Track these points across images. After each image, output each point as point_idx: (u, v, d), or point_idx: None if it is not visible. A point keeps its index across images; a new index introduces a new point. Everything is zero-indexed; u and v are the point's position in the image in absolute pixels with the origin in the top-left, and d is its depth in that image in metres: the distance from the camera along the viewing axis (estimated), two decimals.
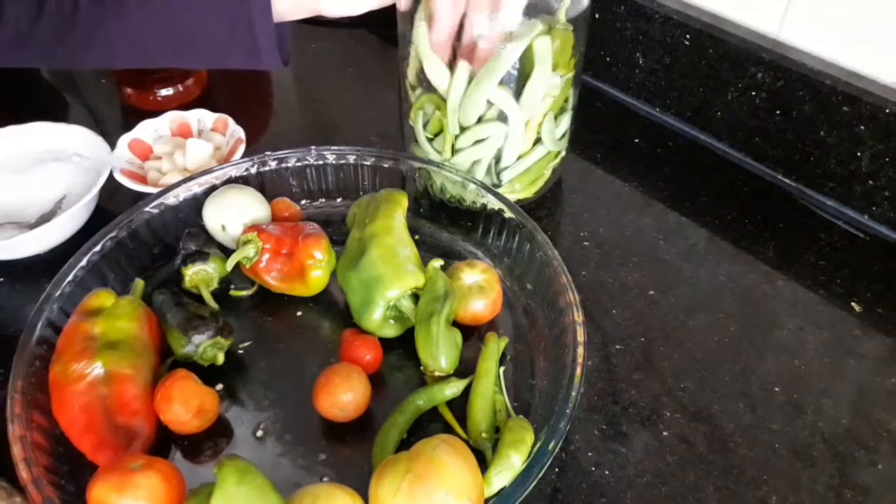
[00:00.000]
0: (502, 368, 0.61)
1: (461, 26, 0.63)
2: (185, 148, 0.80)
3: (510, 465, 0.51)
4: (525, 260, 0.68)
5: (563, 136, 0.75)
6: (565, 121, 0.74)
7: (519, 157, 0.72)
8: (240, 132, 0.82)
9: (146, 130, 0.83)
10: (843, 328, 0.67)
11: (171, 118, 0.85)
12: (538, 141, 0.72)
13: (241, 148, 0.79)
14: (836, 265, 0.72)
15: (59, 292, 0.61)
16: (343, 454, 0.58)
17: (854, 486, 0.56)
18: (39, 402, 0.55)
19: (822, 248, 0.74)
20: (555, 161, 0.76)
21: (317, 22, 1.08)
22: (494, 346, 0.62)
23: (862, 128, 0.72)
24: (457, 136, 0.70)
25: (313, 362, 0.63)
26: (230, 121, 0.83)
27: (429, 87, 0.69)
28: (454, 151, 0.72)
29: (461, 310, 0.64)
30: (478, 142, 0.70)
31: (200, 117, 0.85)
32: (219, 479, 0.49)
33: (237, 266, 0.67)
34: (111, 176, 0.75)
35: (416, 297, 0.64)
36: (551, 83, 0.68)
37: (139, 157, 0.82)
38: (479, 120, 0.69)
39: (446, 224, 0.75)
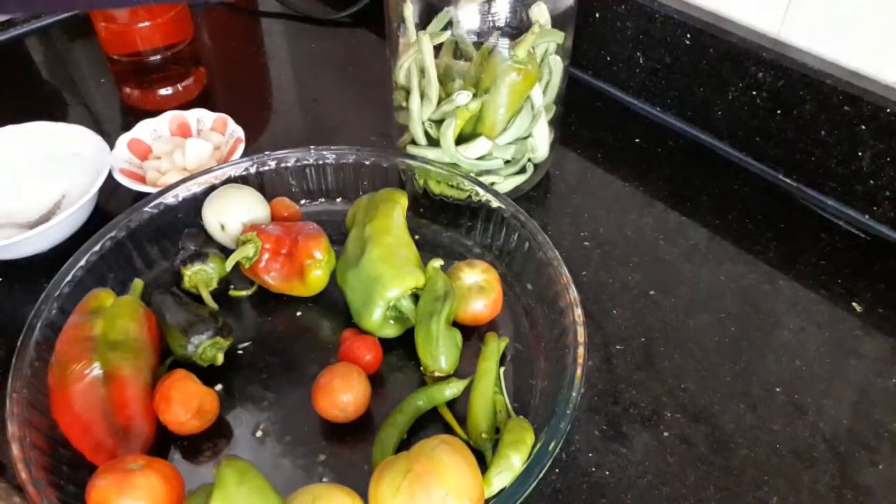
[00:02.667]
0: (502, 368, 0.61)
1: None
2: (185, 147, 0.80)
3: (510, 465, 0.51)
4: (525, 260, 0.68)
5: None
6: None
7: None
8: (239, 132, 0.81)
9: (145, 130, 0.83)
10: (844, 328, 0.67)
11: (171, 118, 0.85)
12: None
13: (241, 147, 0.79)
14: (836, 265, 0.72)
15: (58, 292, 0.61)
16: (343, 454, 0.58)
17: (855, 486, 0.56)
18: (38, 402, 0.55)
19: (823, 247, 0.74)
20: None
21: (317, 22, 1.08)
22: (494, 347, 0.62)
23: (863, 127, 0.72)
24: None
25: (313, 362, 0.63)
26: (229, 120, 0.83)
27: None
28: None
29: (461, 310, 0.64)
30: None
31: (200, 117, 0.85)
32: (218, 479, 0.49)
33: (237, 266, 0.67)
34: (110, 176, 0.75)
35: (415, 297, 0.64)
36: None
37: (138, 156, 0.81)
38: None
39: (446, 224, 0.75)
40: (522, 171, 0.75)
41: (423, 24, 0.69)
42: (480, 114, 0.70)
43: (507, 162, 0.74)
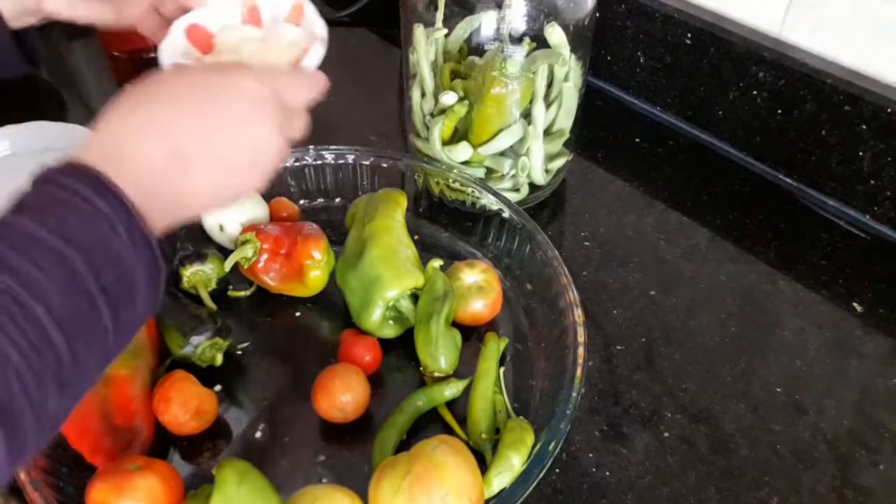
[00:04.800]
0: (502, 369, 0.61)
1: None
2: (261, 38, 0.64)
3: (510, 465, 0.51)
4: (525, 260, 0.68)
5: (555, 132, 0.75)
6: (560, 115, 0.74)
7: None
8: (319, 25, 0.63)
9: (208, 14, 0.63)
10: (844, 328, 0.66)
11: None
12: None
13: (319, 49, 0.61)
14: (837, 265, 0.72)
15: None
16: (342, 455, 0.58)
17: (856, 486, 0.56)
18: None
19: (824, 248, 0.74)
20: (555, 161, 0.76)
21: None
22: (494, 347, 0.62)
23: (863, 127, 0.72)
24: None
25: (312, 363, 0.62)
26: (307, 5, 0.65)
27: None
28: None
29: (461, 310, 0.63)
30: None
31: (272, 1, 0.67)
32: (218, 480, 0.49)
33: (235, 266, 0.67)
34: None
35: (415, 297, 0.64)
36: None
37: (200, 47, 0.63)
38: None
39: (446, 224, 0.75)
40: (516, 189, 0.75)
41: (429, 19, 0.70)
42: (470, 119, 0.70)
43: (492, 173, 0.73)
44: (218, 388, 0.61)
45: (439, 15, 0.69)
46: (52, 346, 0.35)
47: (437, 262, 0.64)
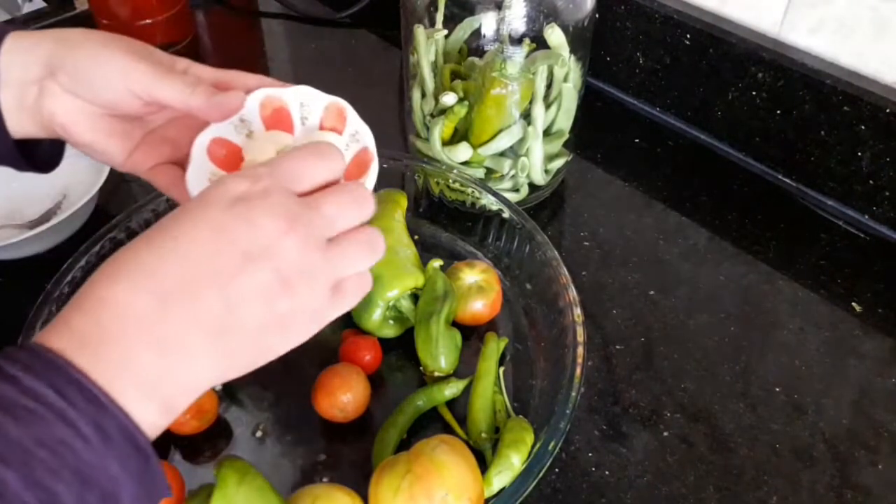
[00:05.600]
0: (502, 368, 0.61)
1: None
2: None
3: (510, 465, 0.51)
4: (525, 260, 0.68)
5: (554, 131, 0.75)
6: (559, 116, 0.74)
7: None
8: (366, 133, 0.50)
9: (229, 125, 0.48)
10: (843, 328, 0.67)
11: (263, 100, 0.48)
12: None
13: (373, 167, 0.49)
14: (836, 265, 0.72)
15: (58, 292, 0.61)
16: (343, 455, 0.58)
17: (855, 486, 0.56)
18: None
19: (823, 248, 0.74)
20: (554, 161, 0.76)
21: (317, 22, 1.08)
22: (494, 346, 0.62)
23: (862, 127, 0.72)
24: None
25: (313, 362, 0.62)
26: (349, 111, 0.51)
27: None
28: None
29: (461, 310, 0.64)
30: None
31: (305, 100, 0.50)
32: (218, 479, 0.49)
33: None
34: (111, 176, 0.74)
35: (415, 297, 0.64)
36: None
37: (225, 166, 0.48)
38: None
39: (446, 224, 0.75)
40: (516, 189, 0.75)
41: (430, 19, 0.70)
42: (470, 119, 0.70)
43: (492, 173, 0.74)
44: (218, 387, 0.61)
45: (439, 16, 0.69)
46: None
47: (437, 262, 0.65)
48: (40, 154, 0.50)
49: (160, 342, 0.33)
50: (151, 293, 0.33)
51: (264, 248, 0.34)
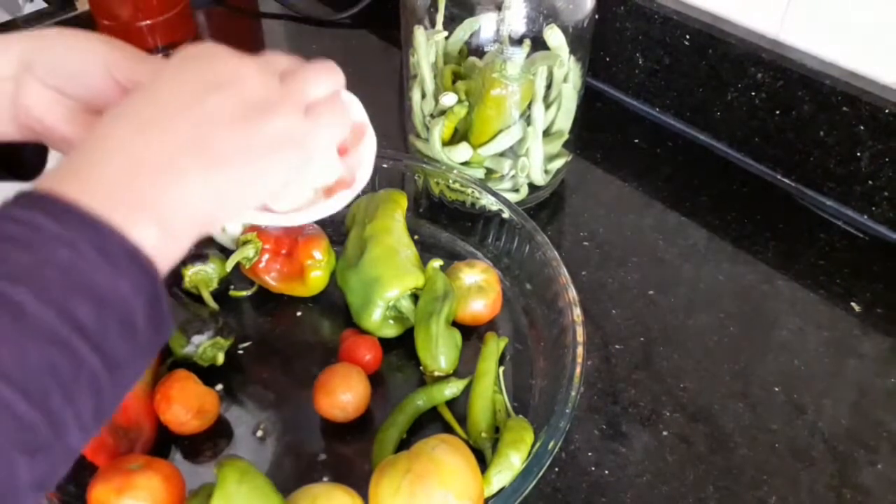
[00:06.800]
0: (502, 368, 0.61)
1: None
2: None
3: (510, 464, 0.51)
4: (525, 260, 0.68)
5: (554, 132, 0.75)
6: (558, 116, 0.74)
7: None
8: (359, 111, 0.50)
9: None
10: (842, 328, 0.67)
11: None
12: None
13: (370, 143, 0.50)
14: (835, 265, 0.72)
15: None
16: (343, 454, 0.58)
17: (854, 486, 0.56)
18: None
19: (822, 248, 0.74)
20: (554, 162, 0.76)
21: (317, 23, 1.08)
22: (494, 346, 0.62)
23: (861, 128, 0.72)
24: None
25: (313, 362, 0.63)
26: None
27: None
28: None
29: (461, 310, 0.64)
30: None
31: None
32: (219, 479, 0.49)
33: (237, 266, 0.67)
34: None
35: (415, 297, 0.64)
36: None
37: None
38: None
39: (446, 224, 0.75)
40: (516, 189, 0.75)
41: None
42: (470, 120, 0.70)
43: (492, 173, 0.74)
44: (219, 387, 0.61)
45: (439, 17, 0.69)
46: (12, 417, 0.28)
47: (437, 262, 0.65)
48: (22, 162, 0.50)
49: (144, 163, 0.34)
50: (128, 125, 0.35)
51: (226, 78, 0.37)
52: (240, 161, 0.36)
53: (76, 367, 0.30)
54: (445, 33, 0.70)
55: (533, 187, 0.76)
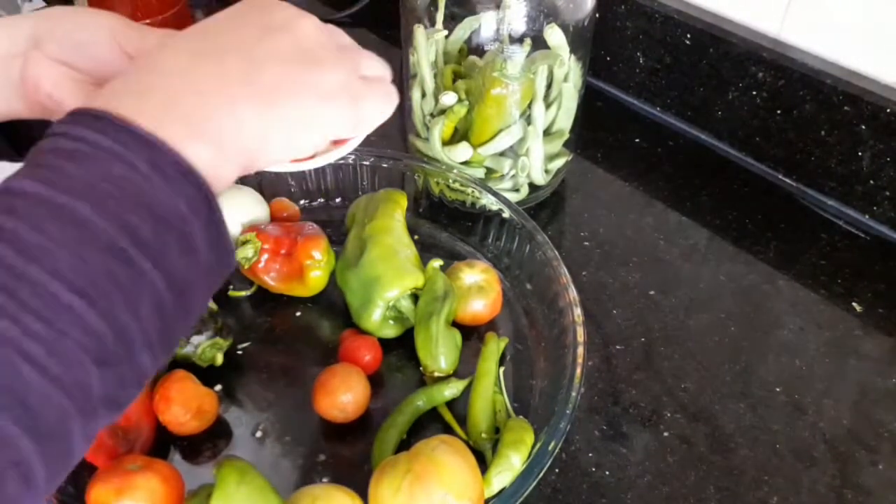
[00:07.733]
0: (502, 369, 0.61)
1: None
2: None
3: (510, 465, 0.51)
4: (525, 260, 0.68)
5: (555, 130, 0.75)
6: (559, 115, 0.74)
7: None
8: None
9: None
10: (844, 328, 0.67)
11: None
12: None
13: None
14: (836, 265, 0.72)
15: None
16: (342, 455, 0.58)
17: (855, 486, 0.56)
18: None
19: (823, 247, 0.74)
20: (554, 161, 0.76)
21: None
22: (494, 347, 0.62)
23: (863, 127, 0.72)
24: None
25: (312, 363, 0.62)
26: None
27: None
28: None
29: (461, 310, 0.64)
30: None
31: None
32: (218, 479, 0.49)
33: (236, 266, 0.67)
34: None
35: (415, 297, 0.64)
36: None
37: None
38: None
39: (446, 224, 0.75)
40: (516, 189, 0.75)
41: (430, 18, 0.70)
42: (470, 119, 0.70)
43: (492, 173, 0.74)
44: (218, 387, 0.61)
45: (439, 16, 0.69)
46: (75, 320, 0.28)
47: (437, 262, 0.65)
48: (32, 140, 0.51)
49: (196, 86, 0.35)
50: (184, 53, 0.36)
51: (285, 24, 0.38)
52: (292, 103, 0.37)
53: (137, 278, 0.30)
54: (445, 32, 0.70)
55: (533, 187, 0.76)
